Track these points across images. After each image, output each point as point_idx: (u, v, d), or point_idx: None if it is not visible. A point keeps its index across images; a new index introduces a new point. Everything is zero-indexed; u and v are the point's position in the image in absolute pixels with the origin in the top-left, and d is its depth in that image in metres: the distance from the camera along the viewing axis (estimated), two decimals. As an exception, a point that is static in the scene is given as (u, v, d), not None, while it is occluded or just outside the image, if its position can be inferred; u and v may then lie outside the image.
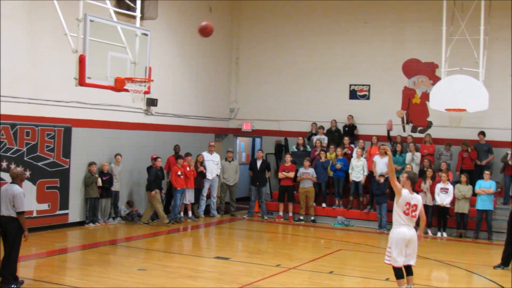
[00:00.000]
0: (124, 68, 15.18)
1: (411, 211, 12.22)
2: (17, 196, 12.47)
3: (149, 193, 21.78)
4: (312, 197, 23.94)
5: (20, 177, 13.01)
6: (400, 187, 12.16)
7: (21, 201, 12.51)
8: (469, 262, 17.52)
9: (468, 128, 23.29)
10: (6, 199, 12.51)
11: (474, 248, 20.35)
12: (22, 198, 12.56)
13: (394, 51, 26.09)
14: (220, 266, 15.72)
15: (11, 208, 12.47)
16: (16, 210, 12.45)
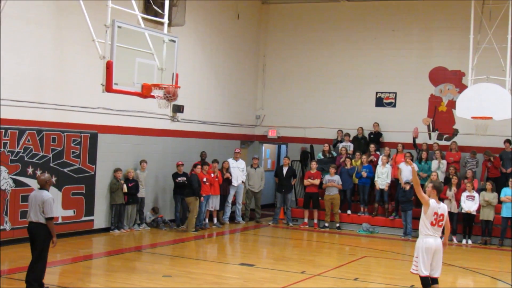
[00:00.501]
0: (151, 75, 15.21)
1: (438, 221, 12.15)
2: (46, 202, 12.45)
3: (193, 198, 21.88)
4: (337, 204, 23.92)
5: (48, 183, 12.99)
6: (427, 198, 12.08)
7: (50, 207, 12.51)
8: (494, 269, 17.40)
9: (494, 136, 23.20)
10: (35, 205, 12.51)
11: (499, 255, 20.24)
12: (52, 204, 12.56)
13: (421, 59, 26.05)
14: (245, 273, 15.74)
15: (40, 214, 12.46)
16: (45, 216, 12.44)
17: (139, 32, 15.08)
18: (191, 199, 21.95)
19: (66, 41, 18.85)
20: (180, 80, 15.96)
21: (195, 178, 22.12)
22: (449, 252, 20.36)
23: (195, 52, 24.52)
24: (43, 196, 12.55)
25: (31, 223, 12.62)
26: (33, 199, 12.61)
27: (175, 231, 21.80)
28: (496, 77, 21.21)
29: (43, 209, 12.44)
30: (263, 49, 28.93)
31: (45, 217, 12.46)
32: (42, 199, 12.47)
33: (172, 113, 23.02)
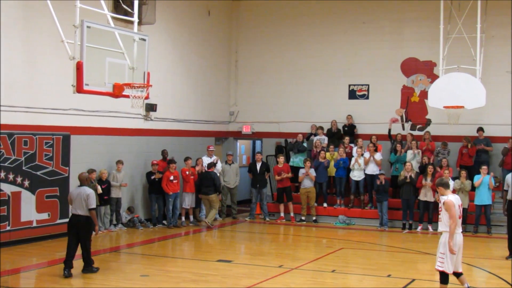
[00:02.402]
0: (122, 74, 15.13)
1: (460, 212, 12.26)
2: (90, 195, 14.49)
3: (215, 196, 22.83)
4: (313, 197, 24.00)
5: (88, 180, 15.74)
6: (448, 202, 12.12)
7: (92, 200, 14.54)
8: (469, 255, 17.48)
9: (467, 124, 23.40)
10: (81, 200, 14.46)
11: (474, 242, 20.39)
12: (94, 197, 14.67)
13: (392, 50, 26.16)
14: (222, 269, 15.73)
15: (84, 207, 14.44)
16: (89, 207, 14.44)
17: (109, 32, 14.99)
18: (213, 196, 22.80)
19: (35, 42, 18.69)
20: (152, 79, 15.91)
21: (216, 175, 22.98)
22: (425, 241, 20.61)
23: (167, 50, 24.45)
24: (86, 191, 14.59)
25: (75, 216, 14.60)
26: (78, 195, 14.55)
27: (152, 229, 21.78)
28: (466, 66, 21.33)
29: (88, 202, 14.45)
30: (235, 45, 28.89)
31: (89, 208, 14.47)
32: (86, 193, 14.50)
33: (145, 112, 22.96)
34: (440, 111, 22.01)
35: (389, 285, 14.23)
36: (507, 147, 23.12)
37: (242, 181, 26.18)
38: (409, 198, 22.42)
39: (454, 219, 12.01)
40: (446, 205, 12.10)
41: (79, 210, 14.50)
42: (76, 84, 13.83)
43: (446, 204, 12.10)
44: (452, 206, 12.05)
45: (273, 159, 26.57)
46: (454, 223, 12.03)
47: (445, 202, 12.13)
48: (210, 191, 22.76)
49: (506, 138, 23.38)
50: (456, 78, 20.93)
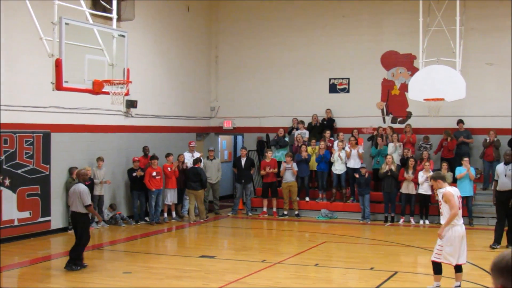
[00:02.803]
0: (102, 71, 15.05)
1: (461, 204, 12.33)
2: (81, 192, 14.71)
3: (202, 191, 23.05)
4: (295, 192, 24.03)
5: (82, 177, 15.39)
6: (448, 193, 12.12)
7: (85, 196, 14.72)
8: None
9: (447, 117, 23.49)
10: (75, 197, 14.76)
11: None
12: (86, 194, 14.78)
13: (372, 43, 26.21)
14: (206, 265, 15.73)
15: (78, 204, 14.71)
16: (84, 204, 14.67)
17: (88, 29, 14.89)
18: (200, 192, 22.91)
19: (14, 40, 18.58)
20: (132, 75, 15.84)
21: (202, 170, 23.08)
22: (407, 233, 20.70)
23: (146, 46, 24.38)
24: (79, 187, 14.87)
25: (72, 212, 15.12)
26: (72, 192, 14.97)
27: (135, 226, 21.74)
28: (446, 58, 21.39)
29: (81, 199, 14.68)
30: (215, 41, 28.84)
31: (84, 205, 14.70)
32: (78, 190, 14.78)
33: (125, 109, 22.90)
34: (420, 103, 22.08)
35: (372, 278, 14.27)
36: (487, 139, 23.25)
37: (223, 177, 26.18)
38: (391, 191, 22.50)
39: (455, 209, 12.06)
40: (445, 196, 12.14)
41: (74, 206, 14.91)
42: (55, 82, 13.72)
43: (445, 195, 12.15)
44: (451, 196, 12.09)
45: (254, 154, 26.57)
46: (455, 212, 12.07)
47: (444, 194, 12.17)
48: (197, 186, 22.85)
49: (486, 130, 23.52)
50: (436, 71, 20.99)
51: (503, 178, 17.88)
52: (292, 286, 13.59)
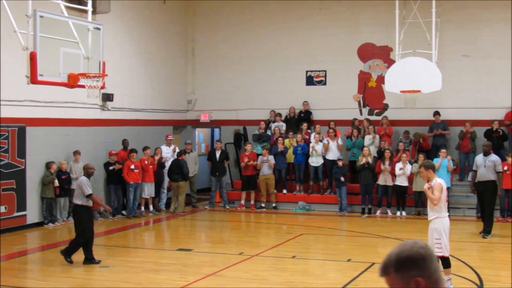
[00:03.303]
0: (77, 64, 14.94)
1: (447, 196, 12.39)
2: (80, 183, 14.71)
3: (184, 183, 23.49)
4: (272, 184, 24.03)
5: (85, 171, 15.35)
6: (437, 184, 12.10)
7: (84, 187, 14.55)
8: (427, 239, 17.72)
9: (424, 108, 23.54)
10: (77, 189, 14.81)
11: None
12: (84, 185, 14.58)
13: (349, 36, 26.22)
14: (183, 258, 15.73)
15: (79, 196, 14.64)
16: (85, 194, 14.53)
17: (63, 21, 14.77)
18: (182, 183, 23.14)
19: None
20: (108, 68, 15.73)
21: (185, 163, 23.29)
22: (384, 225, 20.77)
23: (122, 39, 24.25)
24: (79, 180, 14.95)
25: (75, 205, 14.96)
26: (76, 185, 15.33)
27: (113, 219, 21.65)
28: (422, 50, 21.47)
29: (82, 189, 14.56)
30: (191, 33, 28.73)
31: (86, 196, 14.54)
32: (78, 183, 14.85)
33: (101, 102, 22.76)
34: (397, 95, 22.13)
35: (349, 270, 14.30)
36: (463, 131, 23.38)
37: (201, 170, 26.13)
38: (368, 183, 22.58)
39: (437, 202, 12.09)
40: (433, 187, 12.15)
41: (74, 198, 14.95)
42: (30, 75, 13.61)
43: (435, 186, 12.15)
44: (439, 188, 12.11)
45: (232, 147, 26.55)
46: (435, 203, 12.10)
47: (434, 185, 12.18)
48: (178, 178, 23.12)
49: (462, 121, 23.66)
50: (412, 63, 21.06)
51: (482, 169, 18.11)
52: (270, 278, 13.59)
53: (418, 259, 3.68)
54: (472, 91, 24.33)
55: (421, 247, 3.72)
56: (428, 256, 3.69)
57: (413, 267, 3.66)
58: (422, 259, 3.67)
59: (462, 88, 24.36)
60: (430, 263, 3.69)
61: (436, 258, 3.74)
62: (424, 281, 3.64)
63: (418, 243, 3.76)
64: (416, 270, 3.66)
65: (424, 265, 3.67)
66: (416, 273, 3.65)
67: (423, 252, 3.70)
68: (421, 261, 3.67)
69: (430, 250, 3.73)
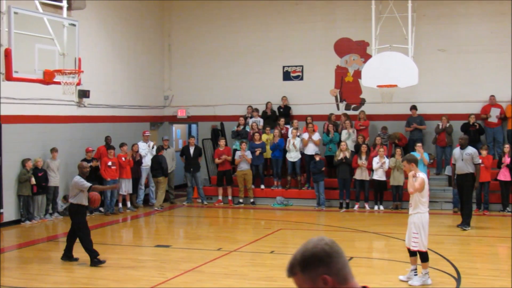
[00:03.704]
0: (52, 61, 14.87)
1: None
2: (75, 182, 14.43)
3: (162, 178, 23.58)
4: (250, 180, 24.04)
5: (80, 170, 14.92)
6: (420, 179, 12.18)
7: (81, 183, 14.36)
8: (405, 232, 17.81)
9: (400, 103, 23.64)
10: (73, 189, 14.50)
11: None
12: (78, 182, 14.39)
13: (326, 31, 26.25)
14: (161, 254, 15.70)
15: (73, 195, 14.43)
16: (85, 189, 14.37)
17: (38, 18, 14.69)
18: (162, 178, 23.32)
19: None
20: (83, 65, 15.69)
21: (164, 159, 23.45)
22: (362, 219, 20.84)
23: (98, 35, 24.12)
24: (74, 180, 14.60)
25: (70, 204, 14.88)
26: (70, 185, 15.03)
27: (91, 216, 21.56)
28: (398, 45, 21.50)
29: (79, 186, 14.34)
30: (167, 29, 28.64)
31: (88, 190, 14.41)
32: (73, 183, 14.54)
33: (78, 99, 22.65)
34: (373, 90, 22.19)
35: (327, 264, 14.29)
36: (439, 125, 23.50)
37: (178, 166, 26.08)
38: (345, 177, 22.63)
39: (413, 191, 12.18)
40: (418, 181, 12.19)
41: (70, 198, 14.83)
42: (5, 72, 13.54)
43: (419, 180, 12.19)
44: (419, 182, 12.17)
45: (209, 143, 26.52)
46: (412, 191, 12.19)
47: (417, 179, 12.23)
48: (158, 173, 23.40)
49: (439, 115, 23.77)
50: (388, 57, 21.09)
51: (459, 162, 18.27)
52: (248, 273, 13.59)
53: (323, 257, 3.62)
54: (449, 85, 24.48)
55: (326, 244, 3.65)
56: (334, 253, 3.64)
57: (319, 264, 3.61)
58: (328, 256, 3.62)
59: (438, 82, 24.50)
60: (337, 259, 3.63)
61: (343, 253, 3.69)
62: (331, 278, 3.59)
63: (323, 240, 3.68)
64: (322, 268, 3.60)
65: (330, 262, 3.61)
66: (322, 271, 3.60)
67: (328, 249, 3.63)
68: (326, 258, 3.61)
69: (337, 247, 3.67)
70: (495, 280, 12.90)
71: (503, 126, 23.70)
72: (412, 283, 12.32)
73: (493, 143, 23.64)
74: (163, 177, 23.64)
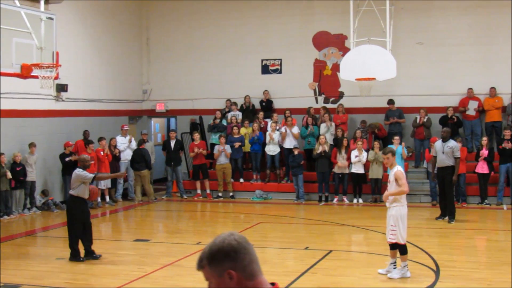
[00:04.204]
0: (30, 54, 14.80)
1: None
2: (77, 174, 14.05)
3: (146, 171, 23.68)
4: (229, 173, 24.03)
5: (82, 163, 14.43)
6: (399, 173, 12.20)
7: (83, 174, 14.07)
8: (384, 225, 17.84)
9: (379, 96, 23.70)
10: (75, 181, 14.08)
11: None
12: (79, 174, 14.05)
13: (304, 24, 26.26)
14: (140, 249, 15.66)
15: (76, 188, 14.04)
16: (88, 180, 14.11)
17: (15, 11, 14.60)
18: (145, 171, 23.38)
19: None
20: (61, 58, 15.61)
21: (147, 152, 23.58)
22: (341, 212, 20.89)
23: (76, 28, 24.00)
24: (75, 172, 14.16)
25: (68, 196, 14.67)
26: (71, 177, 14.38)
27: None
28: (377, 38, 21.56)
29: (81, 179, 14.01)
30: (146, 23, 28.53)
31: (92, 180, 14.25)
32: (75, 175, 14.09)
33: (56, 93, 22.53)
34: (352, 83, 22.24)
35: (307, 257, 14.35)
36: (417, 119, 23.59)
37: (157, 160, 26.04)
38: (324, 171, 22.67)
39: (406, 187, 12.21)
40: (396, 175, 12.22)
41: (70, 190, 14.41)
42: (-18, 66, 13.47)
43: (396, 174, 12.22)
44: (402, 175, 12.20)
45: (188, 137, 26.47)
46: (406, 190, 12.24)
47: (395, 173, 12.26)
48: (141, 167, 23.37)
49: (417, 108, 23.87)
50: (367, 51, 21.14)
51: (440, 155, 18.39)
52: (228, 267, 13.55)
53: (229, 251, 3.65)
54: (427, 79, 24.57)
55: (234, 239, 3.69)
56: (242, 249, 3.67)
57: (225, 259, 3.65)
58: (234, 252, 3.65)
59: (416, 75, 24.58)
60: (244, 255, 3.67)
61: (252, 250, 3.72)
62: (236, 274, 3.63)
63: (233, 235, 3.72)
64: (229, 263, 3.65)
65: (236, 258, 3.64)
66: (228, 266, 3.64)
67: (235, 245, 3.67)
68: (233, 253, 3.65)
69: (246, 243, 3.71)
70: (474, 272, 12.98)
71: (481, 119, 23.84)
72: (391, 276, 12.37)
73: (471, 136, 23.77)
74: (147, 170, 23.67)
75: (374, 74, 20.68)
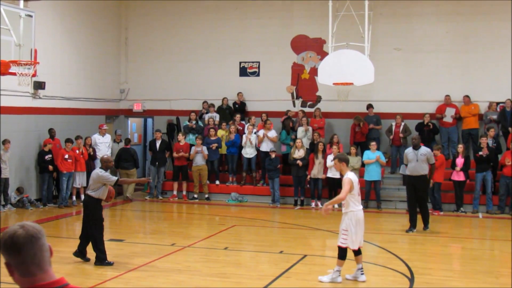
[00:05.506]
0: (8, 51, 14.75)
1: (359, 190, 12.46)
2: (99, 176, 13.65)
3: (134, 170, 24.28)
4: (205, 175, 24.02)
5: (104, 164, 14.02)
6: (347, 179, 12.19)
7: (106, 177, 13.69)
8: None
9: (356, 101, 23.79)
10: (95, 183, 13.71)
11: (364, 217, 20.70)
12: (100, 176, 13.65)
13: (283, 27, 26.31)
14: (114, 249, 15.54)
15: (96, 189, 13.67)
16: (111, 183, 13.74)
17: (-6, 8, 14.56)
18: (133, 170, 23.96)
19: None
20: (40, 56, 15.60)
21: (135, 151, 24.09)
22: (316, 217, 20.91)
23: (55, 26, 23.89)
24: (96, 173, 13.79)
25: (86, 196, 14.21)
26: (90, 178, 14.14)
27: (43, 209, 21.38)
28: (355, 43, 21.62)
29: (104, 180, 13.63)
30: (124, 22, 28.46)
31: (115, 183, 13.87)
32: (96, 176, 13.72)
33: (33, 90, 22.40)
34: (330, 88, 22.26)
35: (281, 261, 14.37)
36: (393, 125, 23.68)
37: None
38: (300, 175, 22.69)
39: (344, 195, 12.19)
40: (343, 181, 12.27)
41: (88, 191, 13.99)
42: (-41, 62, 13.39)
43: (343, 180, 12.27)
44: (347, 183, 12.19)
45: (165, 137, 26.39)
46: (342, 197, 12.23)
47: (343, 179, 12.30)
48: (130, 166, 23.84)
49: (394, 114, 23.99)
50: (345, 55, 21.19)
51: (414, 163, 18.08)
52: (202, 269, 13.58)
53: (9, 244, 3.70)
54: (404, 84, 24.71)
55: (17, 234, 3.72)
56: (22, 244, 3.71)
57: (6, 251, 3.72)
58: (14, 245, 3.70)
59: (394, 81, 24.72)
60: (23, 252, 3.71)
61: (36, 246, 3.75)
62: (13, 268, 3.74)
63: (18, 230, 3.74)
64: (8, 255, 3.72)
65: (16, 252, 3.70)
66: (7, 258, 3.73)
67: (16, 239, 3.70)
68: (12, 246, 3.69)
69: (29, 239, 3.73)
70: (448, 280, 13.05)
71: (458, 126, 23.97)
72: (321, 279, 12.42)
73: (448, 143, 23.90)
74: (134, 169, 24.19)
75: (352, 79, 20.73)
